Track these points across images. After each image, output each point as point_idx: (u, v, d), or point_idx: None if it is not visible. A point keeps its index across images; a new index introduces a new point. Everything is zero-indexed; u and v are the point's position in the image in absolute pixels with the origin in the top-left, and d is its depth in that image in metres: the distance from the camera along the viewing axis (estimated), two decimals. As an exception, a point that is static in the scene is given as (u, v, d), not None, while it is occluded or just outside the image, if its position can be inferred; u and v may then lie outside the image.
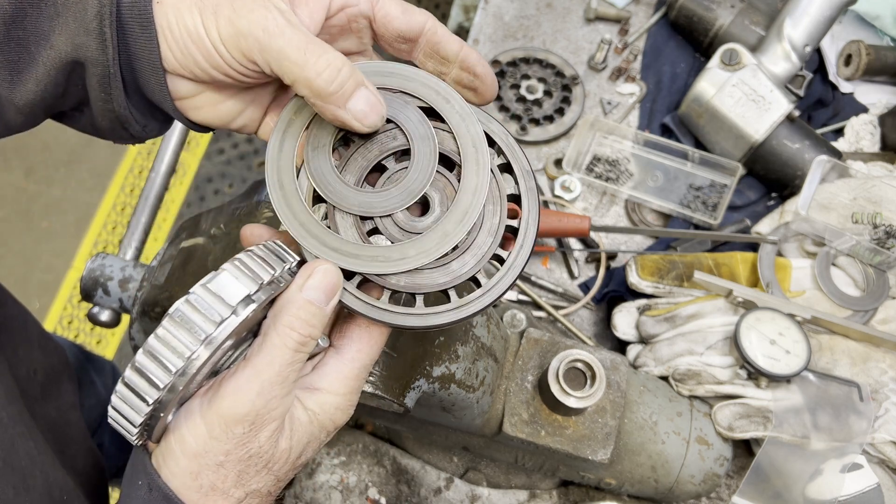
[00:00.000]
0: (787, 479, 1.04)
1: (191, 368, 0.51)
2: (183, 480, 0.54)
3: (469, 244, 0.58)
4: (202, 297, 0.51)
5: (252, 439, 0.54)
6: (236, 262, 0.53)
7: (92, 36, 0.55)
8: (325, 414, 0.59)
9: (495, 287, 0.58)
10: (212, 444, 0.54)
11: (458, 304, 0.57)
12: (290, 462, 0.58)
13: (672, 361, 1.11)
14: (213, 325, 0.51)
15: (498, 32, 1.58)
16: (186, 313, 0.51)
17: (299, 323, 0.54)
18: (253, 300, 0.52)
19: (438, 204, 0.59)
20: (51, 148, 3.08)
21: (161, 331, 0.50)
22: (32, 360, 0.94)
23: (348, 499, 1.11)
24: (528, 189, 0.60)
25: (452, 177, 0.60)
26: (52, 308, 2.79)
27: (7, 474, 0.67)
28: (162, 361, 0.50)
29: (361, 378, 0.60)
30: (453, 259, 0.58)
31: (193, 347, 0.50)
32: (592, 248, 1.35)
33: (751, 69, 1.31)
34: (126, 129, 0.62)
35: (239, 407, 0.53)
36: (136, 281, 1.03)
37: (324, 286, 0.55)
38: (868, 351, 1.10)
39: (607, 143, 1.42)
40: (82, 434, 0.98)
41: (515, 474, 1.14)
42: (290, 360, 0.55)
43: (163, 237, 2.91)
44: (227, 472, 0.55)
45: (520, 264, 0.58)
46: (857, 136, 1.38)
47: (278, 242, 0.58)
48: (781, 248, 1.24)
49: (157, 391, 0.50)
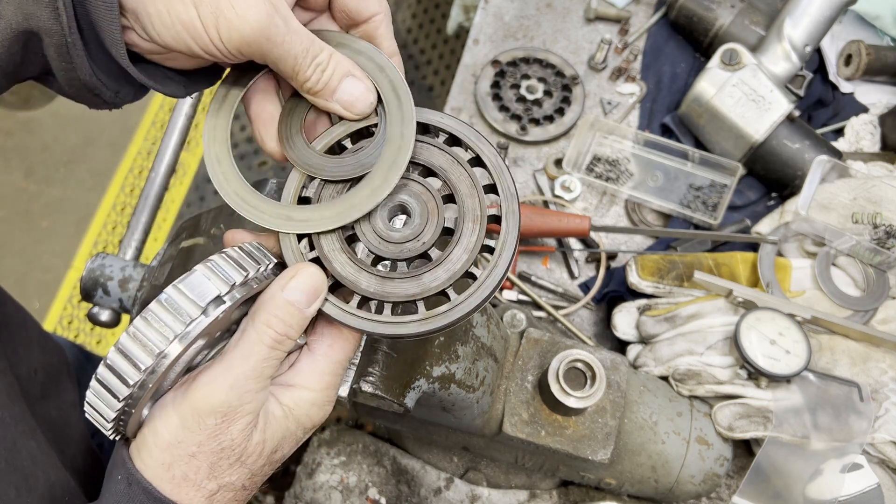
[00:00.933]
0: (787, 479, 1.04)
1: (160, 367, 0.52)
2: (156, 471, 0.55)
3: (443, 259, 0.59)
4: (173, 297, 0.53)
5: (224, 431, 0.55)
6: (209, 263, 0.55)
7: (42, 5, 0.54)
8: (300, 409, 0.60)
9: (463, 303, 0.58)
10: (184, 434, 0.54)
11: (424, 315, 0.58)
12: (264, 456, 0.58)
13: (672, 361, 1.11)
14: (183, 324, 0.52)
15: (498, 32, 1.58)
16: (157, 313, 0.52)
17: (276, 321, 0.55)
18: (224, 300, 0.54)
19: (419, 216, 0.61)
20: (51, 148, 3.08)
21: (132, 329, 0.52)
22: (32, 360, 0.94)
23: (348, 499, 1.11)
24: (509, 211, 0.60)
25: (432, 187, 0.62)
26: (52, 308, 2.79)
27: (9, 474, 0.67)
28: (132, 359, 0.52)
29: (336, 374, 0.61)
30: (425, 271, 0.59)
31: (162, 346, 0.52)
32: (592, 248, 1.35)
33: (751, 69, 1.31)
34: (97, 95, 0.61)
35: (212, 398, 0.54)
36: (136, 281, 1.03)
37: (307, 288, 0.56)
38: (868, 351, 1.10)
39: (607, 143, 1.42)
40: (82, 434, 0.98)
41: (515, 474, 1.14)
42: (266, 356, 0.56)
43: (163, 237, 2.91)
44: (200, 464, 0.55)
45: (490, 284, 0.59)
46: (857, 136, 1.38)
47: (255, 244, 0.59)
48: (781, 248, 1.24)
49: (128, 388, 0.52)
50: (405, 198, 0.61)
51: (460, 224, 0.60)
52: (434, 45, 3.28)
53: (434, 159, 0.62)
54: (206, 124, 0.64)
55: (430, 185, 0.61)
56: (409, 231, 0.60)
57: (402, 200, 0.61)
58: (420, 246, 0.60)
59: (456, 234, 0.60)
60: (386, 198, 0.60)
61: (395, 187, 0.60)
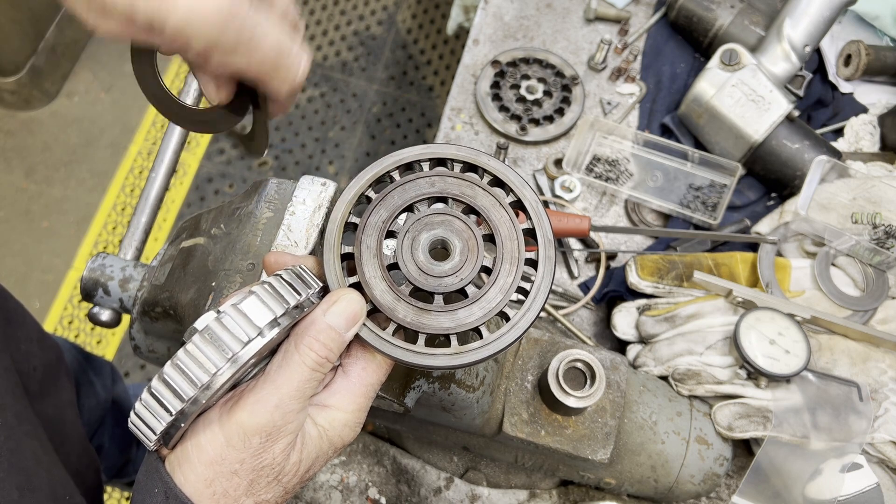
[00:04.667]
0: (786, 479, 1.05)
1: (214, 384, 0.54)
2: (196, 486, 0.56)
3: (479, 297, 0.61)
4: (232, 316, 0.54)
5: (267, 450, 0.57)
6: (266, 285, 0.56)
7: None
8: (334, 430, 0.61)
9: (496, 342, 0.60)
10: (228, 452, 0.56)
11: (457, 350, 0.60)
12: (298, 475, 0.60)
13: (672, 361, 1.11)
14: (241, 344, 0.54)
15: (498, 32, 1.58)
16: (216, 331, 0.54)
17: (318, 345, 0.57)
18: (279, 323, 0.56)
19: (459, 253, 0.62)
20: (51, 148, 3.08)
21: (191, 346, 0.54)
22: (33, 357, 0.94)
23: (348, 498, 1.11)
24: (546, 257, 0.62)
25: (474, 225, 0.63)
26: (52, 308, 2.79)
27: (13, 475, 0.67)
28: (189, 375, 0.53)
29: (369, 396, 0.63)
30: (461, 307, 0.61)
31: (219, 364, 0.54)
32: (592, 248, 1.35)
33: (750, 69, 1.31)
34: None
35: (257, 418, 0.56)
36: (137, 281, 1.03)
37: (347, 313, 0.58)
38: (868, 351, 1.11)
39: (607, 143, 1.42)
40: (78, 433, 0.98)
41: (515, 474, 1.14)
42: (308, 378, 0.57)
43: (163, 237, 2.91)
44: (240, 481, 0.57)
45: (523, 326, 0.61)
46: (857, 136, 1.38)
47: (304, 267, 0.60)
48: (781, 248, 1.24)
49: (181, 402, 0.54)
50: (447, 234, 0.63)
51: (498, 265, 0.62)
52: (434, 45, 3.28)
53: (479, 200, 0.64)
54: None
55: (471, 223, 0.63)
56: (449, 267, 0.62)
57: (444, 236, 0.63)
58: (458, 282, 0.61)
59: (493, 274, 0.61)
60: (431, 234, 0.63)
61: (435, 223, 0.63)
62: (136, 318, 0.95)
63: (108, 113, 3.16)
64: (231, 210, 0.90)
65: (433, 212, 0.63)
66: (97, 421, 1.57)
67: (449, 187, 0.64)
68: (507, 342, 0.60)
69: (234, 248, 0.82)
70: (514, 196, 0.64)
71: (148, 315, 0.91)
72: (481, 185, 0.64)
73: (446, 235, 0.63)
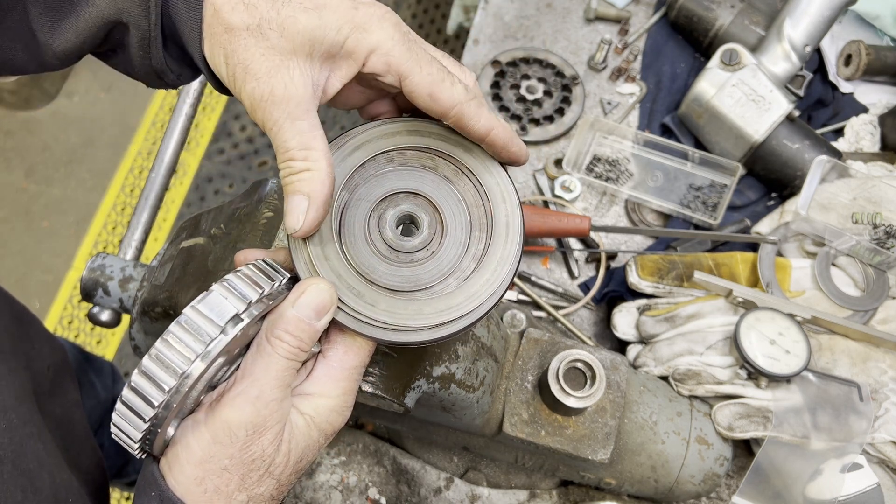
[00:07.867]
0: (787, 479, 1.04)
1: (184, 386, 0.54)
2: (188, 487, 0.56)
3: (453, 269, 0.62)
4: (192, 317, 0.54)
5: (255, 443, 0.57)
6: (225, 282, 0.56)
7: (135, 2, 0.59)
8: (321, 417, 0.61)
9: (471, 313, 0.60)
10: (216, 449, 0.56)
11: (435, 322, 0.60)
12: (290, 466, 0.60)
13: (672, 361, 1.11)
14: (203, 344, 0.54)
15: (498, 32, 1.58)
16: (178, 334, 0.54)
17: (288, 336, 0.57)
18: (242, 318, 0.56)
19: (427, 226, 0.62)
20: (51, 148, 3.08)
21: (154, 351, 0.54)
22: (45, 356, 0.94)
23: (348, 499, 1.11)
24: (511, 218, 0.63)
25: None
26: (52, 308, 2.79)
27: (16, 477, 0.67)
28: (156, 381, 0.53)
29: (353, 379, 0.62)
30: (436, 283, 0.61)
31: (184, 367, 0.53)
32: (592, 248, 1.35)
33: (751, 69, 1.31)
34: (161, 78, 0.66)
35: (240, 412, 0.56)
36: (137, 281, 1.03)
37: (314, 304, 0.57)
38: (868, 351, 1.10)
39: (607, 143, 1.42)
40: (85, 432, 0.99)
41: (515, 474, 1.14)
42: (285, 367, 0.57)
43: (163, 237, 2.91)
44: (231, 477, 0.57)
45: (500, 292, 0.61)
46: (857, 136, 1.38)
47: (268, 260, 0.60)
48: (781, 248, 1.24)
49: (153, 409, 0.54)
50: (413, 208, 0.63)
51: (468, 232, 0.62)
52: (434, 44, 3.28)
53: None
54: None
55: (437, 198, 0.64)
56: (418, 241, 0.62)
57: (410, 210, 0.63)
58: (429, 255, 0.62)
59: (463, 243, 0.62)
60: (397, 209, 0.63)
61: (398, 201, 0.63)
62: (136, 318, 0.95)
63: (107, 113, 3.16)
64: (231, 210, 0.90)
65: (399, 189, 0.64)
66: (97, 421, 1.57)
67: (410, 161, 0.64)
68: (485, 310, 0.60)
69: (233, 248, 0.82)
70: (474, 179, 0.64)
71: (148, 315, 0.91)
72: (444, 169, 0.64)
73: (412, 210, 0.63)
